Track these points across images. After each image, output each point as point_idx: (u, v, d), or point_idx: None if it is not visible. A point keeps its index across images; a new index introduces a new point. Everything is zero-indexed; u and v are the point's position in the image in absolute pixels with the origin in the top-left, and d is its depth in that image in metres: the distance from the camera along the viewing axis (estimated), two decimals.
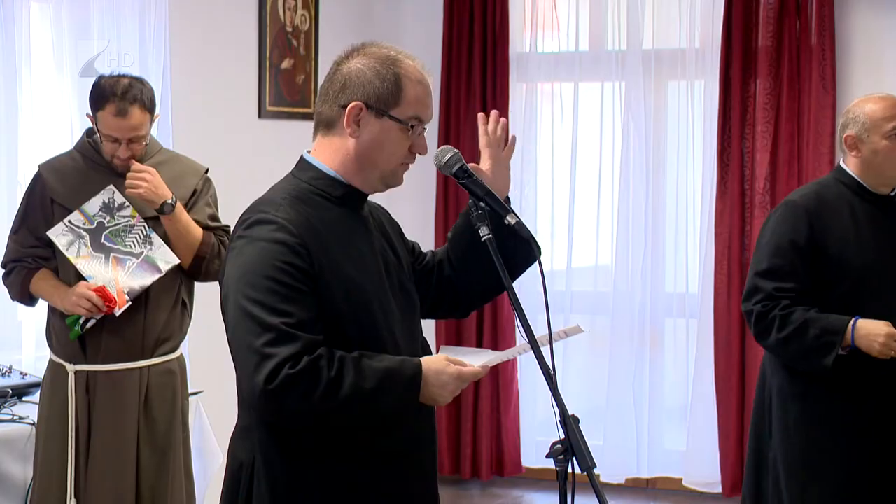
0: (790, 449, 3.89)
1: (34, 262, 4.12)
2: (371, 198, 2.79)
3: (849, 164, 3.97)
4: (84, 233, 4.03)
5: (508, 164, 2.98)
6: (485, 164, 2.94)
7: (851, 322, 3.75)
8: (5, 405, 4.45)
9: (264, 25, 6.18)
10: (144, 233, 4.05)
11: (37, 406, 4.52)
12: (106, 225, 4.04)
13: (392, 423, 2.62)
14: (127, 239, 4.04)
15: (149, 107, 4.04)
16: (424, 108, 2.68)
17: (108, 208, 4.05)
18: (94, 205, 4.04)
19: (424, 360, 2.60)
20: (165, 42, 5.43)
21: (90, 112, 4.07)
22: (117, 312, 4.00)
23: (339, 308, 2.59)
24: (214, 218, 4.21)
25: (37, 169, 4.19)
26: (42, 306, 4.33)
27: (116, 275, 4.01)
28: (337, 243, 2.63)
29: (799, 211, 3.89)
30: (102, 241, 4.03)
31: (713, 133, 6.43)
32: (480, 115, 2.97)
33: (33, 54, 5.12)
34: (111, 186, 4.05)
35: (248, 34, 6.14)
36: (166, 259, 4.05)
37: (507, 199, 2.92)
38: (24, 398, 4.63)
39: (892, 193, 3.99)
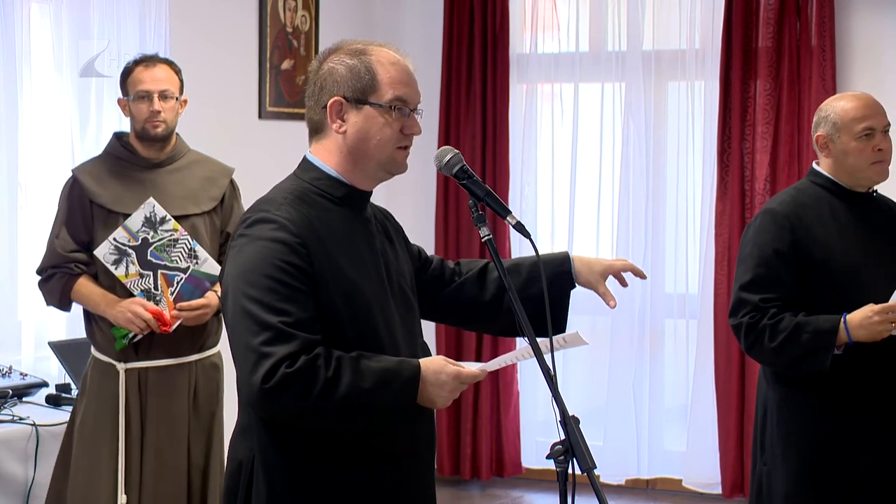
0: (790, 461, 3.79)
1: (77, 269, 4.12)
2: (372, 197, 2.79)
3: (822, 165, 3.87)
4: (130, 250, 4.04)
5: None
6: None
7: (842, 321, 3.64)
8: (5, 405, 4.45)
9: (264, 26, 6.18)
10: (189, 246, 4.08)
11: (38, 407, 4.53)
12: (150, 240, 4.05)
13: (390, 424, 2.62)
14: (172, 253, 4.06)
15: (176, 70, 4.18)
16: (404, 88, 2.66)
17: (150, 223, 4.06)
18: (136, 220, 4.04)
19: (423, 360, 2.60)
20: (165, 42, 5.43)
21: (121, 95, 4.18)
22: (170, 330, 4.07)
23: (337, 308, 2.59)
24: None
25: (70, 174, 4.20)
26: (40, 306, 4.33)
27: (167, 293, 4.05)
28: (337, 244, 2.63)
29: (779, 219, 3.77)
30: (149, 257, 4.05)
31: (713, 134, 6.43)
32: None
33: (33, 54, 5.12)
34: (151, 200, 4.07)
35: (249, 35, 6.14)
36: (213, 271, 4.08)
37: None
38: (24, 398, 4.62)
39: (870, 191, 3.89)
